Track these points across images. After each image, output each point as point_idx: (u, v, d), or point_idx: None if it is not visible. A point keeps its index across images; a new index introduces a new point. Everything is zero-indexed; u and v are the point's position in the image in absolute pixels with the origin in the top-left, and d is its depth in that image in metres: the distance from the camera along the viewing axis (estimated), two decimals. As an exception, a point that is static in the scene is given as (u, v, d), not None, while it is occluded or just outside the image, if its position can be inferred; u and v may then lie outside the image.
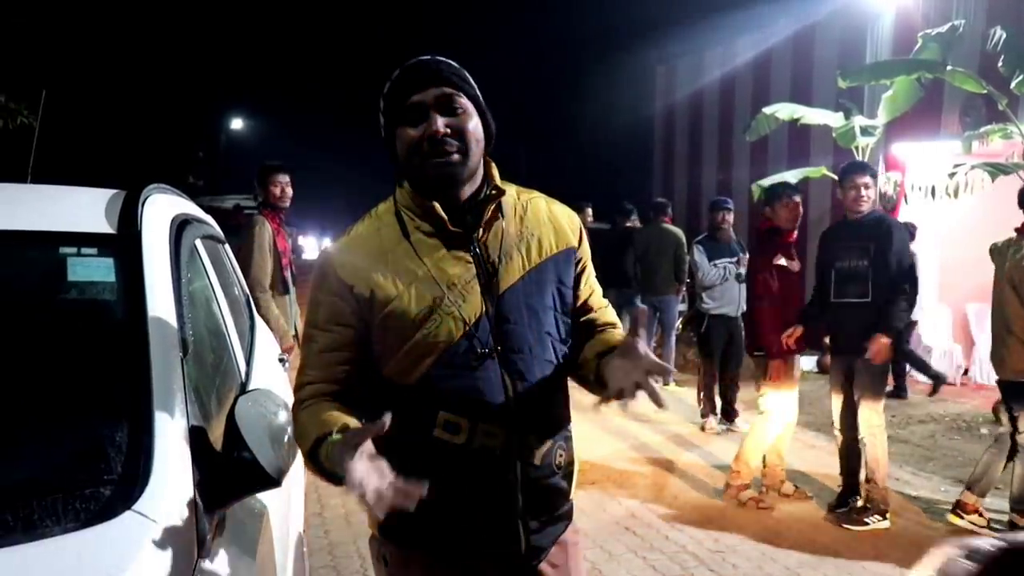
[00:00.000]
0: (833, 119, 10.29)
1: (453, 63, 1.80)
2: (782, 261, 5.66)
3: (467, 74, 1.81)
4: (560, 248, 1.86)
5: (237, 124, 42.80)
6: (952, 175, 8.11)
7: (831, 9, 11.87)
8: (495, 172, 1.83)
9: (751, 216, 12.13)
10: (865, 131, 9.99)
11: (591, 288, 1.96)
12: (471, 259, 1.78)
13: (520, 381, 1.77)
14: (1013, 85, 8.06)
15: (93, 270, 2.04)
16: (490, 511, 1.80)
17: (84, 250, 2.06)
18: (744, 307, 7.65)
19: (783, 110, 10.50)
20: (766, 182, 10.64)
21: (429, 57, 1.80)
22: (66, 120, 14.52)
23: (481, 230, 1.79)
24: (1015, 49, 7.91)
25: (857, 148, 10.26)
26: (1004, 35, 7.88)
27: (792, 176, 10.64)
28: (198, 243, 2.61)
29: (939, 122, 10.35)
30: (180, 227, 2.32)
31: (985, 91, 8.44)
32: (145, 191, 2.26)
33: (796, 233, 5.83)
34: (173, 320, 1.92)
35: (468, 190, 1.80)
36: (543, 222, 1.87)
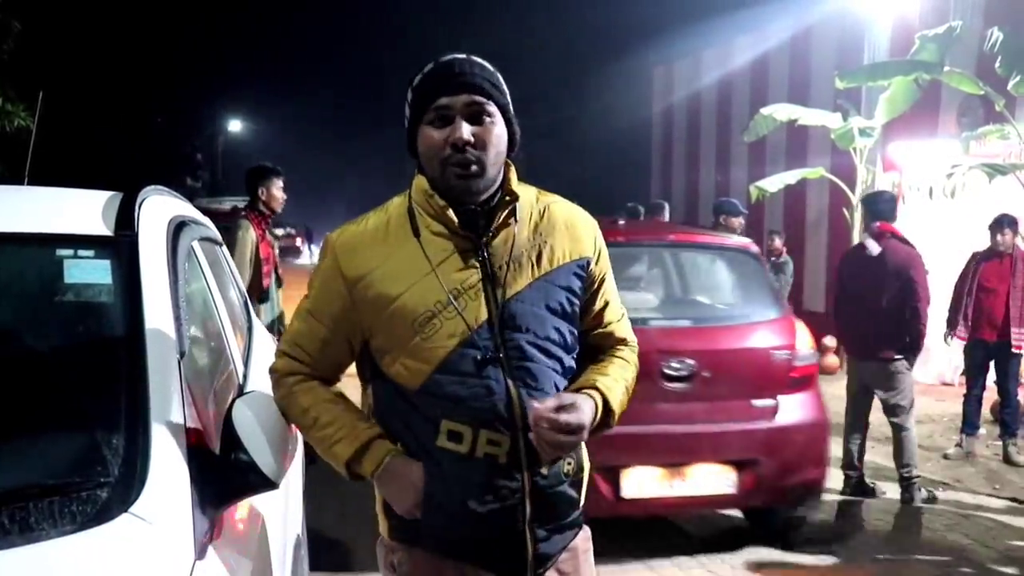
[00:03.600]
0: (831, 120, 10.30)
1: (487, 66, 1.77)
2: None
3: (499, 78, 1.78)
4: (573, 258, 1.82)
5: (235, 126, 42.80)
6: (950, 176, 8.13)
7: (829, 10, 11.86)
8: (513, 176, 1.80)
9: (748, 218, 12.10)
10: (863, 132, 10.00)
11: (606, 300, 1.91)
12: (478, 263, 1.76)
13: (525, 389, 1.75)
14: (1011, 86, 8.06)
15: (90, 272, 2.03)
16: (497, 521, 1.77)
17: (81, 252, 2.05)
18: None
19: (781, 111, 10.51)
20: (764, 183, 10.66)
21: (464, 57, 1.76)
22: (64, 122, 14.51)
23: (491, 235, 1.77)
24: (1012, 50, 7.92)
25: (855, 149, 10.27)
26: (1001, 36, 7.89)
27: (791, 177, 10.67)
28: (195, 245, 2.60)
29: (936, 123, 10.35)
30: (177, 229, 2.31)
31: (982, 92, 8.45)
32: (142, 193, 2.25)
33: None
34: (170, 322, 1.91)
35: (483, 195, 1.77)
36: (559, 229, 1.83)
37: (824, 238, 12.57)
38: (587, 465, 1.90)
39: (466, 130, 1.70)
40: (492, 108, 1.74)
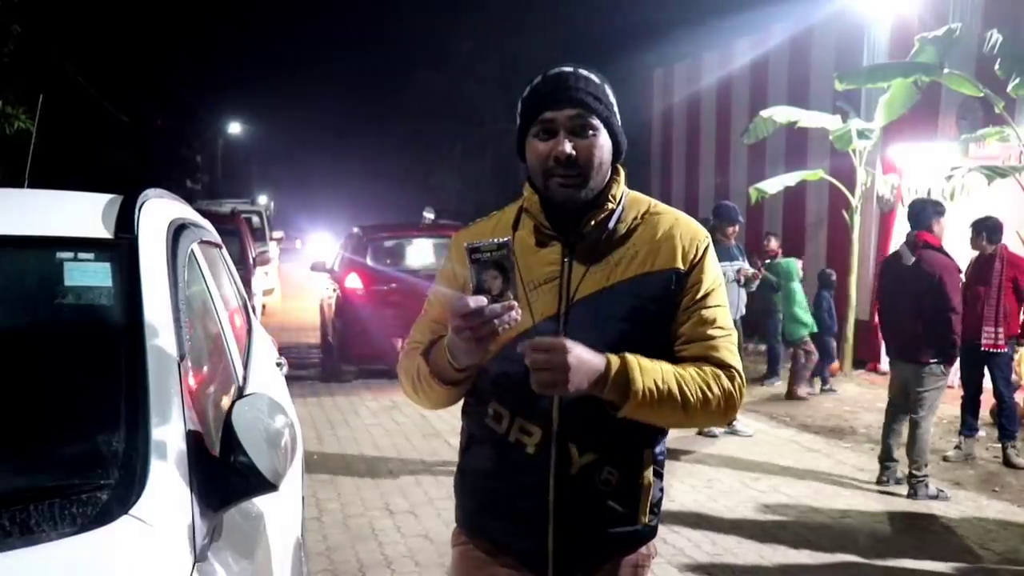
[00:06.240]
0: (830, 122, 10.30)
1: (594, 78, 1.83)
2: None
3: (605, 90, 1.83)
4: (657, 268, 1.81)
5: (234, 129, 42.84)
6: (949, 178, 8.12)
7: (828, 12, 11.88)
8: (616, 185, 1.86)
9: (748, 219, 12.11)
10: (862, 134, 10.00)
11: (699, 316, 1.81)
12: (559, 263, 1.82)
13: None
14: (1010, 88, 8.06)
15: (90, 275, 2.04)
16: (518, 509, 1.84)
17: (81, 255, 2.05)
18: (743, 311, 7.66)
19: (780, 113, 10.52)
20: (763, 185, 10.66)
21: (571, 70, 1.82)
22: (64, 125, 14.52)
23: (580, 237, 1.83)
24: (1012, 52, 7.92)
25: (854, 151, 10.27)
26: (1001, 38, 7.89)
27: (790, 179, 10.67)
28: (195, 248, 2.61)
29: (936, 125, 10.35)
30: (177, 232, 2.32)
31: (982, 94, 8.45)
32: (142, 196, 2.26)
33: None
34: (170, 325, 1.91)
35: (585, 201, 1.83)
36: (653, 240, 1.84)
37: (824, 240, 12.57)
38: (650, 482, 1.86)
39: (568, 144, 1.77)
40: (595, 121, 1.79)
